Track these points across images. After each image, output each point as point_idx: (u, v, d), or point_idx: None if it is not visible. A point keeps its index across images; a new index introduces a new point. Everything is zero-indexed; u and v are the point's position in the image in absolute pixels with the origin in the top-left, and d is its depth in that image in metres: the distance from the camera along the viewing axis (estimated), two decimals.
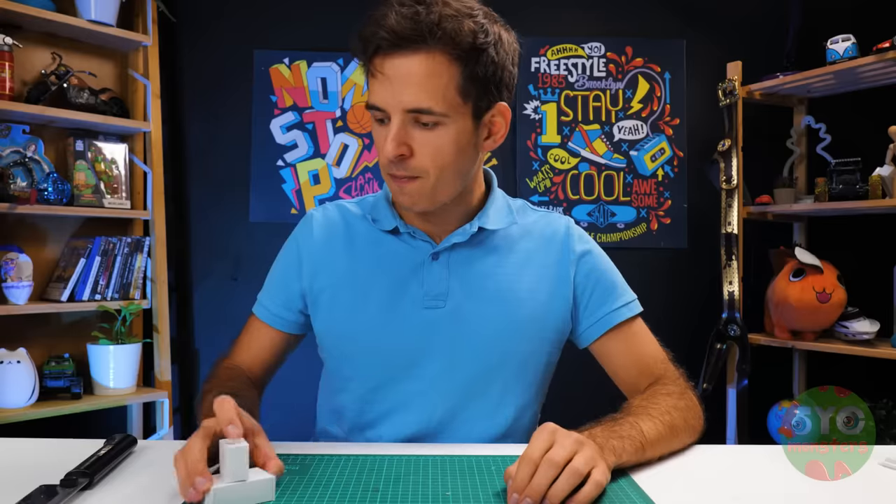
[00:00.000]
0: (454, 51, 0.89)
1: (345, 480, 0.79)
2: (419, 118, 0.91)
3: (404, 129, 0.91)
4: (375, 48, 0.89)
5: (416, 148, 0.92)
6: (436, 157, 0.93)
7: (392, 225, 1.04)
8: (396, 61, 0.89)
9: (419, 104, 0.89)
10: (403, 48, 0.88)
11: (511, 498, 0.71)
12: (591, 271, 1.07)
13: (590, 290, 1.06)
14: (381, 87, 0.91)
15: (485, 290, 1.02)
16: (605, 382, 1.10)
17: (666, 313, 2.61)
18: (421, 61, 0.89)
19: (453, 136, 0.93)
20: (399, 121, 0.91)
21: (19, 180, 2.21)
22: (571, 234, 1.08)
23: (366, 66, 0.94)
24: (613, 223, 2.67)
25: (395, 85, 0.89)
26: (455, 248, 1.03)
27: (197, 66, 2.67)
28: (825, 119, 2.41)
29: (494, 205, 1.06)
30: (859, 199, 2.20)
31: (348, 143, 2.67)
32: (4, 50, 2.11)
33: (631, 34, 2.71)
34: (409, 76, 0.89)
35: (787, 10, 2.41)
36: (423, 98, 0.89)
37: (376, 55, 0.90)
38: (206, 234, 2.66)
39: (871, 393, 2.23)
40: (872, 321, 2.24)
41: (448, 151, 0.93)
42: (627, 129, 2.70)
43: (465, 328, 1.01)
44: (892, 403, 2.22)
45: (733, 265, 2.33)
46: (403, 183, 0.95)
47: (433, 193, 0.96)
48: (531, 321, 1.03)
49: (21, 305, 2.14)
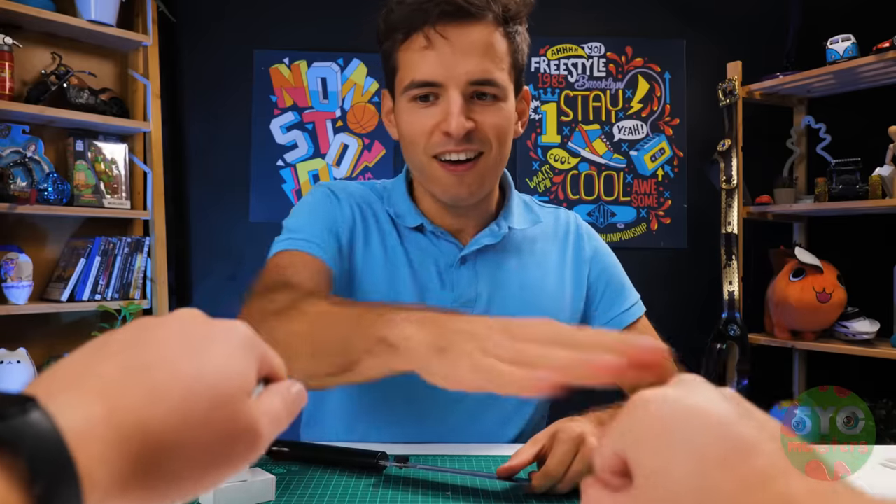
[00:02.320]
0: (505, 25, 0.87)
1: (345, 480, 0.79)
2: (480, 90, 0.87)
3: (465, 104, 0.86)
4: (439, 14, 0.85)
5: (478, 120, 0.87)
6: (498, 130, 0.89)
7: (417, 221, 0.97)
8: (461, 29, 0.85)
9: (485, 74, 0.86)
10: (465, 18, 0.85)
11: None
12: (602, 271, 1.06)
13: (602, 290, 1.05)
14: (440, 57, 0.85)
15: (511, 295, 0.99)
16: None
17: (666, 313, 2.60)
18: (482, 31, 0.86)
19: (507, 113, 0.90)
20: (460, 93, 0.86)
21: (19, 180, 2.21)
22: (581, 232, 1.08)
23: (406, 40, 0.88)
24: (613, 223, 2.67)
25: (458, 54, 0.85)
26: (483, 251, 0.98)
27: (197, 66, 2.67)
28: (825, 119, 2.41)
29: (515, 204, 1.03)
30: (859, 199, 2.20)
31: (348, 143, 2.67)
32: (4, 50, 2.10)
33: (631, 34, 2.71)
34: (473, 45, 0.85)
35: (786, 9, 2.41)
36: (489, 67, 0.86)
37: (438, 22, 0.85)
38: (206, 234, 2.66)
39: (871, 393, 2.23)
40: (872, 321, 2.24)
41: (506, 127, 0.90)
42: (627, 129, 2.69)
43: None
44: (892, 403, 2.22)
45: (733, 265, 2.33)
46: (464, 169, 0.89)
47: (491, 174, 0.91)
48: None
49: (21, 305, 2.14)
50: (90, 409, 0.27)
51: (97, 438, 0.27)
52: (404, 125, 0.92)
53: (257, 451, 0.33)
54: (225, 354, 0.33)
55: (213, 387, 0.31)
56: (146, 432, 0.28)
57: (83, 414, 0.27)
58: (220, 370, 0.32)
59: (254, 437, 0.32)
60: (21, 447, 0.24)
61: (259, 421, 0.33)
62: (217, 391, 0.31)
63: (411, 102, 0.89)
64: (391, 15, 0.90)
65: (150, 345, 0.31)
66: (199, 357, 0.32)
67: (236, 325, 0.35)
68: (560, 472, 0.73)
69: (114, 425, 0.28)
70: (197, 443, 0.30)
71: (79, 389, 0.28)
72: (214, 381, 0.31)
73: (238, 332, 0.35)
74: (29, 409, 0.25)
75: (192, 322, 0.34)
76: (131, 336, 0.32)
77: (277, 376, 0.37)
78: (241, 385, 0.32)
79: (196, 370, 0.31)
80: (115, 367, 0.30)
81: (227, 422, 0.31)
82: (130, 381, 0.29)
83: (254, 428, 0.32)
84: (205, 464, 0.30)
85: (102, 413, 0.27)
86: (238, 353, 0.33)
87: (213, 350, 0.32)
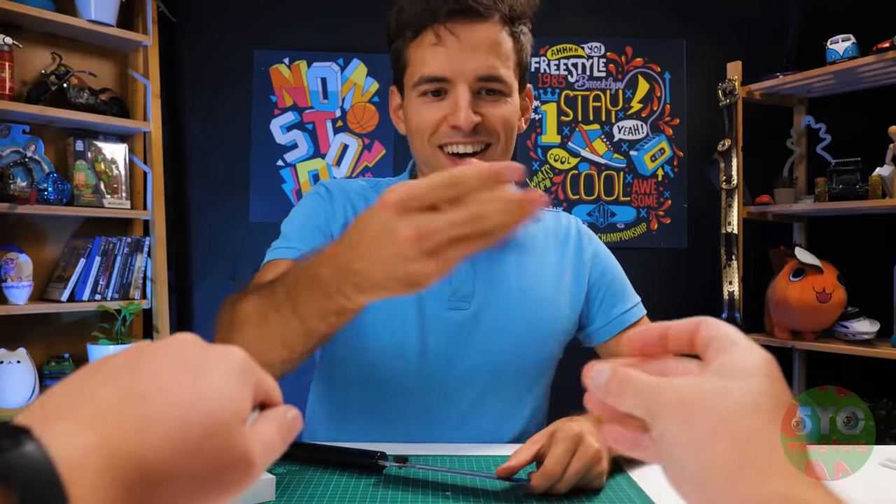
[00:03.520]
0: (511, 25, 0.91)
1: (345, 480, 0.79)
2: (487, 86, 0.90)
3: (473, 98, 0.90)
4: (449, 12, 0.88)
5: (485, 114, 0.91)
6: (504, 122, 0.92)
7: None
8: (469, 27, 0.89)
9: (491, 71, 0.90)
10: (472, 16, 0.89)
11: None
12: (604, 272, 1.08)
13: (603, 291, 1.07)
14: (449, 53, 0.89)
15: (508, 292, 1.01)
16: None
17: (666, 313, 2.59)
18: (490, 29, 0.90)
19: (513, 108, 0.94)
20: (468, 88, 0.90)
21: (19, 180, 2.21)
22: (582, 234, 1.10)
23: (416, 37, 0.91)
24: (613, 223, 2.67)
25: (466, 51, 0.89)
26: None
27: (197, 66, 2.67)
28: (825, 119, 2.41)
29: None
30: (859, 199, 2.20)
31: (348, 143, 2.67)
32: (4, 50, 2.10)
33: (631, 34, 2.71)
34: (480, 42, 0.89)
35: (786, 9, 2.41)
36: (496, 64, 0.90)
37: (448, 20, 0.89)
38: (206, 234, 2.66)
39: (871, 393, 2.23)
40: (872, 321, 2.24)
41: (512, 121, 0.93)
42: (627, 129, 2.69)
43: (489, 330, 0.99)
44: (892, 403, 2.22)
45: (733, 265, 2.33)
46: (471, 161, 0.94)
47: None
48: (552, 321, 1.03)
49: (21, 305, 2.14)
50: (83, 437, 0.27)
51: (90, 468, 0.27)
52: (413, 118, 0.94)
53: (250, 480, 0.32)
54: (220, 381, 0.32)
55: (208, 415, 0.31)
56: (139, 461, 0.28)
57: (76, 443, 0.27)
58: (216, 398, 0.32)
59: (247, 467, 0.32)
60: (14, 479, 0.24)
61: (253, 450, 0.32)
62: (212, 419, 0.31)
63: (421, 97, 0.93)
64: (402, 13, 0.93)
65: (146, 371, 0.31)
66: (194, 384, 0.31)
67: (232, 351, 0.35)
68: (558, 472, 0.73)
69: (106, 454, 0.27)
70: (190, 472, 0.30)
71: (73, 418, 0.28)
72: (210, 409, 0.31)
73: (234, 358, 0.34)
74: (23, 440, 0.25)
75: (188, 348, 0.34)
76: (127, 361, 0.32)
77: (273, 401, 0.36)
78: (235, 412, 0.32)
79: (191, 398, 0.31)
80: (110, 393, 0.30)
81: (221, 451, 0.31)
82: (125, 409, 0.29)
83: (247, 457, 0.32)
84: (197, 492, 0.30)
85: (96, 441, 0.27)
86: (234, 380, 0.33)
87: (209, 377, 0.32)
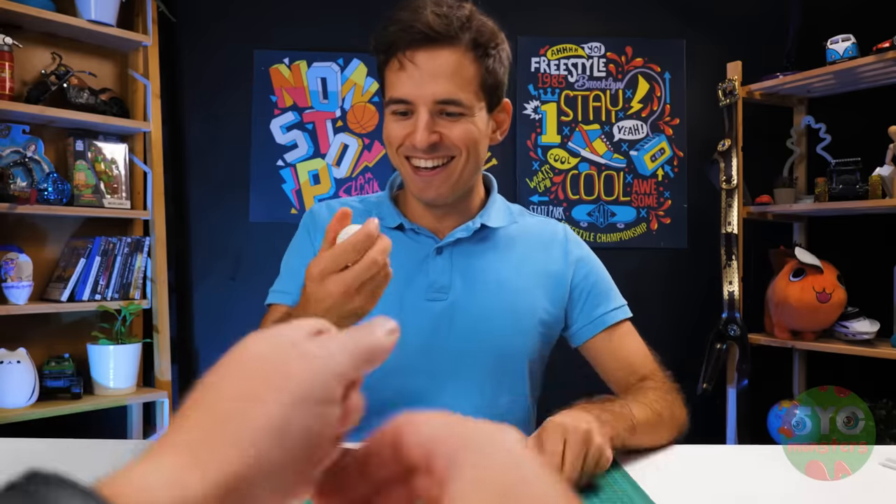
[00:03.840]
0: (477, 49, 0.97)
1: None
2: (446, 109, 0.97)
3: (432, 119, 0.97)
4: (409, 42, 0.95)
5: (444, 133, 0.98)
6: (465, 138, 0.99)
7: (397, 222, 1.08)
8: (430, 54, 0.95)
9: (449, 95, 0.96)
10: (436, 43, 0.95)
11: None
12: (588, 274, 1.12)
13: (586, 293, 1.11)
14: (411, 79, 0.96)
15: (485, 284, 1.06)
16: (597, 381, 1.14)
17: (666, 313, 2.61)
18: (451, 56, 0.96)
19: (474, 126, 1.00)
20: (428, 111, 0.96)
21: (19, 180, 2.21)
22: (569, 238, 1.15)
23: (388, 62, 0.98)
24: (613, 223, 2.67)
25: (425, 77, 0.95)
26: (458, 244, 1.08)
27: (197, 66, 2.67)
28: (825, 119, 2.41)
29: (495, 206, 1.12)
30: (859, 199, 2.20)
31: (348, 143, 2.67)
32: (4, 50, 2.10)
33: (631, 34, 2.71)
34: (439, 69, 0.95)
35: (786, 9, 2.41)
36: (452, 89, 0.96)
37: (408, 48, 0.95)
38: (206, 234, 2.66)
39: (871, 393, 2.23)
40: (872, 321, 2.24)
41: (473, 137, 1.00)
42: (627, 129, 2.69)
43: (465, 320, 1.05)
44: (892, 403, 2.22)
45: (733, 265, 2.33)
46: (431, 175, 1.00)
47: (459, 177, 1.01)
48: (527, 314, 1.08)
49: (21, 305, 2.14)
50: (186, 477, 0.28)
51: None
52: (386, 131, 1.04)
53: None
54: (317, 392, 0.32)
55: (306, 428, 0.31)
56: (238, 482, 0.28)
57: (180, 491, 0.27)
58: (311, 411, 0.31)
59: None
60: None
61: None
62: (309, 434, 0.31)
63: (392, 115, 1.01)
64: (379, 36, 1.00)
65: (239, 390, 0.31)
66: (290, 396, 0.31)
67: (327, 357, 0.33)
68: (574, 475, 0.76)
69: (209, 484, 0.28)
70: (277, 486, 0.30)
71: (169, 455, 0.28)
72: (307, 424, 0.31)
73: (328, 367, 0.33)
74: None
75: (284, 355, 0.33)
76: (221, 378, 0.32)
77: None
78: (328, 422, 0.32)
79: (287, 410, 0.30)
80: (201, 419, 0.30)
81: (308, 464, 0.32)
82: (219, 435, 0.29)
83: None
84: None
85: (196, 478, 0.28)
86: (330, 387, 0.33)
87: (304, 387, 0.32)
